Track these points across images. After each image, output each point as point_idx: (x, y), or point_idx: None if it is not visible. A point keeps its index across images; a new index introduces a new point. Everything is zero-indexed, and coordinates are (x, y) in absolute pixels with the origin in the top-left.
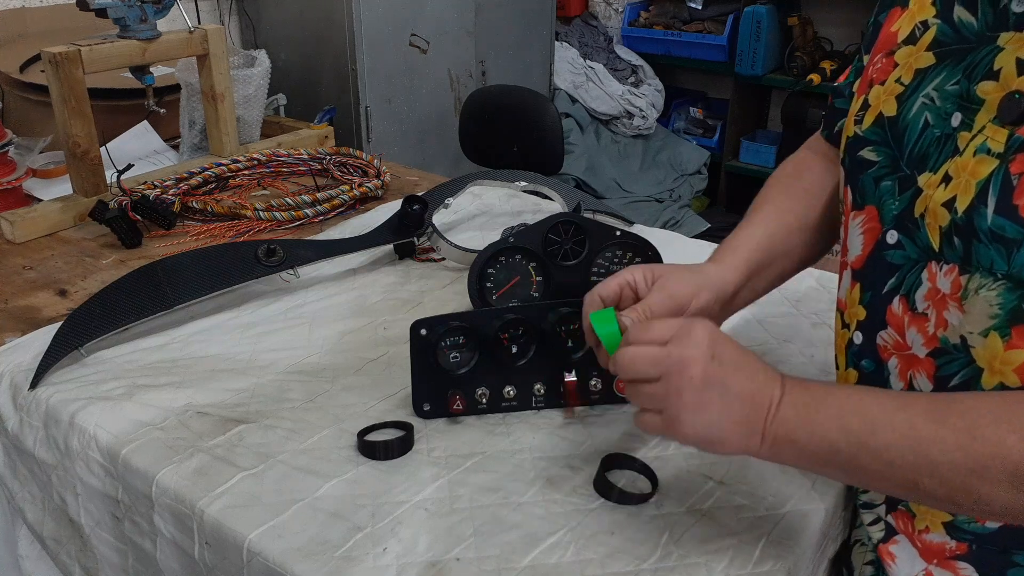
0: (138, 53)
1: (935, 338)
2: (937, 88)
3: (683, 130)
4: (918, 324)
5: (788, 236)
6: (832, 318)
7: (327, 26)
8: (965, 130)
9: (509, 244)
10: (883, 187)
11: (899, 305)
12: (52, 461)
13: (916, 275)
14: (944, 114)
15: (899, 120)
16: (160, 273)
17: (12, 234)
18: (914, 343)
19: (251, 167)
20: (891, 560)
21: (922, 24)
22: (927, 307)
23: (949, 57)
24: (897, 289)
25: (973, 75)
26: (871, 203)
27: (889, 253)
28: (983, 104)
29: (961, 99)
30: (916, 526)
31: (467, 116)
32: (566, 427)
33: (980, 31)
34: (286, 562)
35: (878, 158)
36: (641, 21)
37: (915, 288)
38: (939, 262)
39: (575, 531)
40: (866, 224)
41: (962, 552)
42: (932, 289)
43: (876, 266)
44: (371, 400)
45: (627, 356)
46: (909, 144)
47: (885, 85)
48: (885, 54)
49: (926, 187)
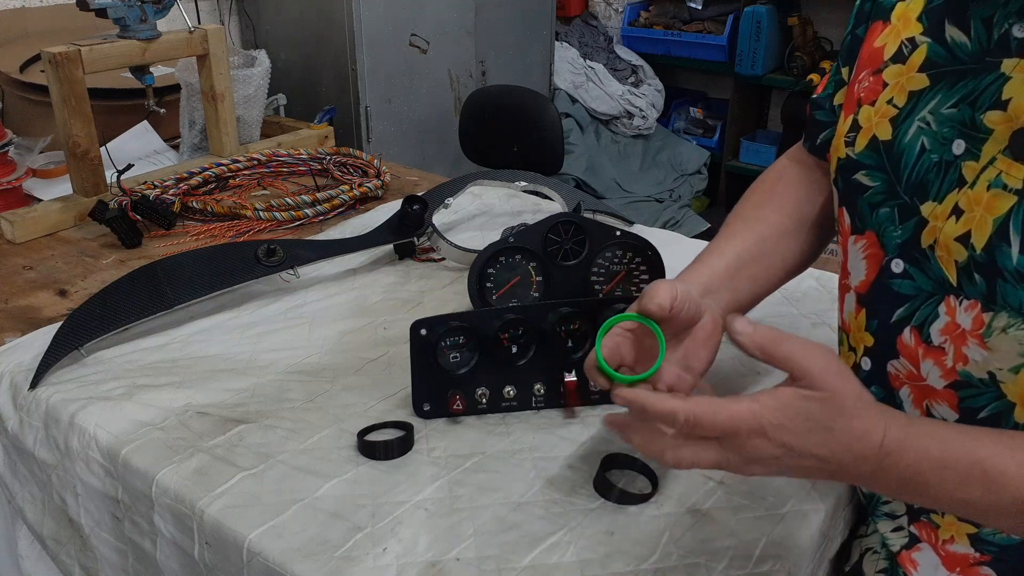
0: (138, 53)
1: (954, 371)
2: (933, 112)
3: (683, 130)
4: (935, 357)
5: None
6: (832, 318)
7: (327, 26)
8: (971, 159)
9: (509, 244)
10: (881, 214)
11: (911, 336)
12: (52, 461)
13: (932, 308)
14: (942, 139)
15: (895, 145)
16: (160, 273)
17: (12, 234)
18: (930, 375)
19: (251, 167)
20: (913, 567)
21: (909, 42)
22: (944, 341)
23: (943, 79)
24: (907, 319)
25: (978, 103)
26: (871, 228)
27: (896, 282)
28: (991, 134)
29: (964, 126)
30: (940, 536)
31: (467, 116)
32: (566, 427)
33: (975, 52)
34: (286, 562)
35: (874, 183)
36: (641, 21)
37: (931, 321)
38: (958, 296)
39: (575, 531)
40: (868, 250)
41: (986, 560)
42: (951, 323)
43: (882, 294)
44: (371, 400)
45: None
46: (906, 170)
47: (876, 106)
48: (872, 72)
49: (932, 218)
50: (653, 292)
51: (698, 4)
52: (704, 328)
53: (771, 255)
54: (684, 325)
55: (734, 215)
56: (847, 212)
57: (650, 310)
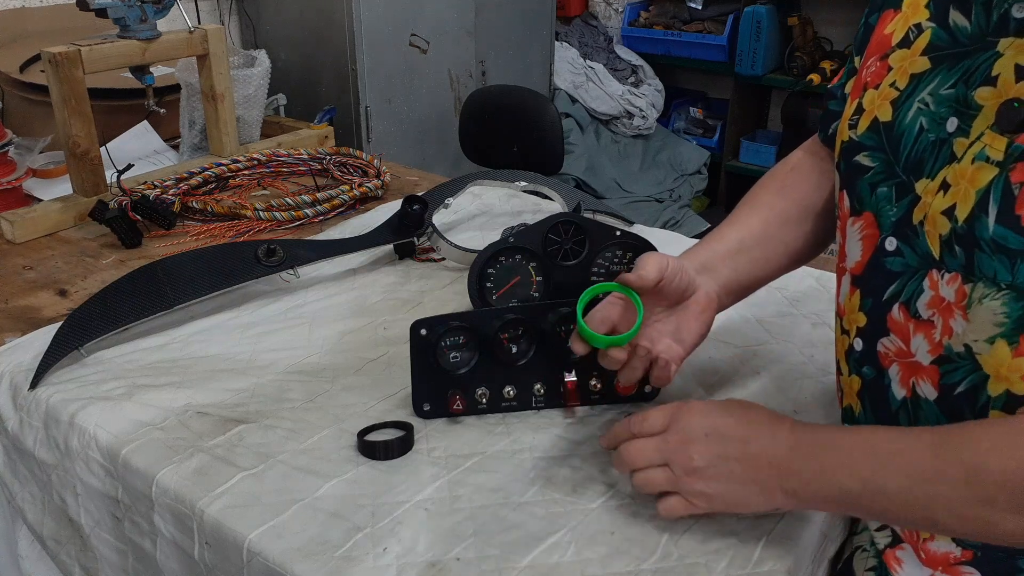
0: (138, 53)
1: (940, 345)
2: (932, 93)
3: (683, 130)
4: (924, 331)
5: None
6: (832, 318)
7: (327, 26)
8: (962, 136)
9: (509, 244)
10: (880, 193)
11: (899, 312)
12: (52, 461)
13: (917, 283)
14: (939, 119)
15: (895, 125)
16: (160, 273)
17: (12, 234)
18: (918, 350)
19: (251, 167)
20: (897, 565)
21: (916, 27)
22: (932, 314)
23: (944, 61)
24: (897, 296)
25: (971, 80)
26: (868, 209)
27: (888, 260)
28: (980, 110)
29: (957, 104)
30: (921, 535)
31: (467, 116)
32: (566, 427)
33: (974, 34)
34: (286, 562)
35: (874, 164)
36: (641, 21)
37: (916, 296)
38: (940, 270)
39: (575, 531)
40: (864, 230)
41: (967, 559)
42: (936, 297)
43: (876, 273)
44: (371, 400)
45: (631, 450)
46: (905, 150)
47: (879, 89)
48: (879, 57)
49: (924, 194)
50: (641, 264)
51: (698, 4)
52: (698, 302)
53: (774, 240)
54: (676, 297)
55: (743, 203)
56: (847, 195)
57: (629, 280)
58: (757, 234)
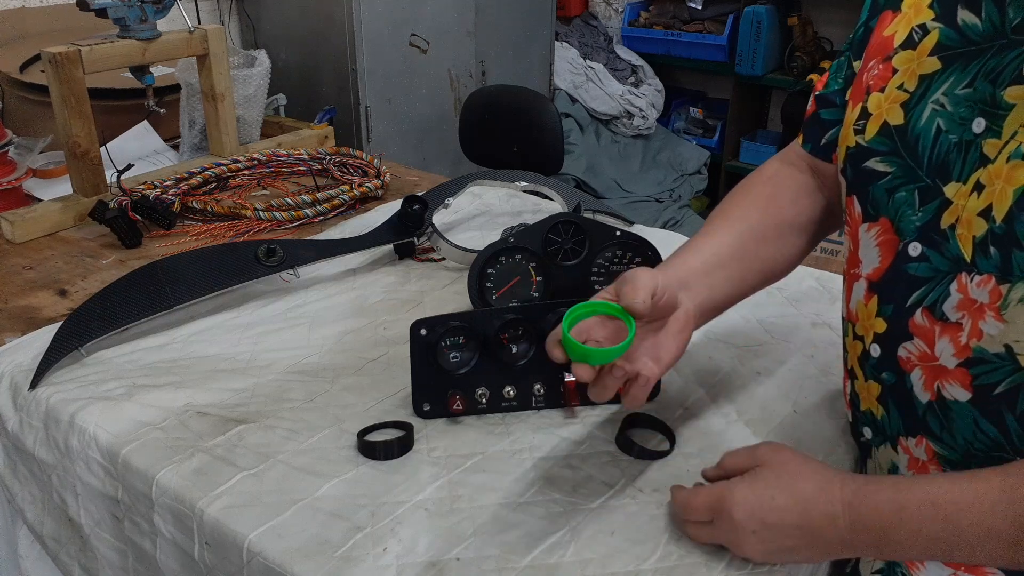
0: (138, 53)
1: (967, 348)
2: (947, 93)
3: (683, 130)
4: (951, 334)
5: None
6: (832, 318)
7: (327, 26)
8: (993, 137)
9: (509, 244)
10: (898, 198)
11: (923, 317)
12: (52, 461)
13: (944, 287)
14: (959, 119)
15: (908, 129)
16: (160, 273)
17: (12, 234)
18: (943, 353)
19: (251, 167)
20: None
21: (920, 28)
22: (961, 317)
23: (956, 61)
24: (921, 301)
25: (999, 80)
26: (885, 215)
27: (912, 266)
28: (1012, 109)
29: (985, 104)
30: None
31: (467, 116)
32: (566, 427)
33: (987, 32)
34: (286, 562)
35: (890, 169)
36: (641, 21)
37: (943, 299)
38: (970, 273)
39: (575, 531)
40: (881, 236)
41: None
42: (965, 299)
43: (898, 278)
44: (371, 400)
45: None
46: (925, 153)
47: (885, 92)
48: (881, 60)
49: (956, 198)
50: (634, 289)
51: (698, 4)
52: (677, 321)
53: (750, 257)
54: (658, 315)
55: (716, 213)
56: (857, 200)
57: (636, 309)
58: (734, 249)
